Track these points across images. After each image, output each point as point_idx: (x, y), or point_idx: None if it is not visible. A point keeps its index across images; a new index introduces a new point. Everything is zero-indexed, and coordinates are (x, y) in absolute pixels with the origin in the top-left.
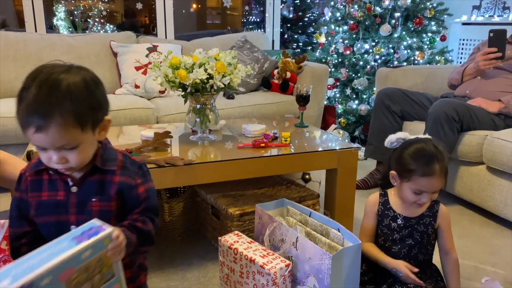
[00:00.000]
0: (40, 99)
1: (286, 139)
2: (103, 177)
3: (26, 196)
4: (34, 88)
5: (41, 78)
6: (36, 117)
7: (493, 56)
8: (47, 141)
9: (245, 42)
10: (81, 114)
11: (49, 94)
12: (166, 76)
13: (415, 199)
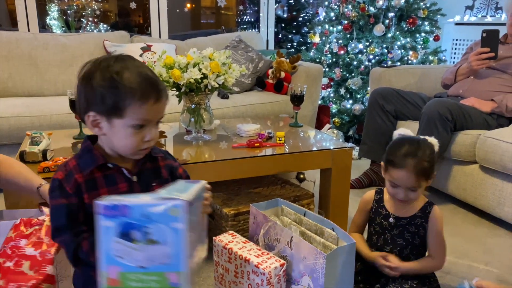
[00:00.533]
0: (154, 76)
1: (280, 138)
2: (153, 163)
3: (77, 199)
4: (138, 69)
5: (133, 62)
6: (156, 90)
7: (486, 56)
8: (159, 112)
9: (240, 42)
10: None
11: (154, 74)
12: (160, 75)
13: (392, 193)
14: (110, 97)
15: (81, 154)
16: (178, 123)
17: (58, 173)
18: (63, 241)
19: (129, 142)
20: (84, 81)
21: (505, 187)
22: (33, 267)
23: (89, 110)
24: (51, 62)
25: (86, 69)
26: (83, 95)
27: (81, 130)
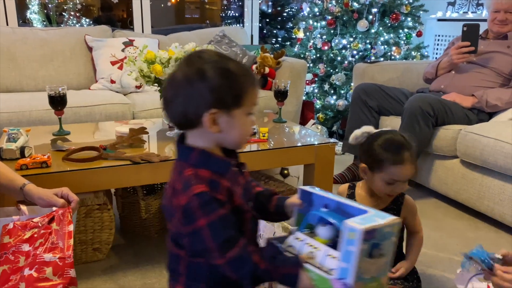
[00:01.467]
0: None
1: (264, 134)
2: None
3: (232, 204)
4: (231, 58)
5: (221, 54)
6: (252, 73)
7: (466, 50)
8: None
9: (223, 37)
10: None
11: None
12: (141, 71)
13: (388, 190)
14: (231, 90)
15: (203, 160)
16: (161, 119)
17: (197, 187)
18: (238, 257)
19: (245, 130)
20: (195, 82)
21: (485, 181)
22: (56, 273)
23: (210, 108)
24: (30, 57)
25: (185, 71)
26: (198, 95)
27: (61, 127)
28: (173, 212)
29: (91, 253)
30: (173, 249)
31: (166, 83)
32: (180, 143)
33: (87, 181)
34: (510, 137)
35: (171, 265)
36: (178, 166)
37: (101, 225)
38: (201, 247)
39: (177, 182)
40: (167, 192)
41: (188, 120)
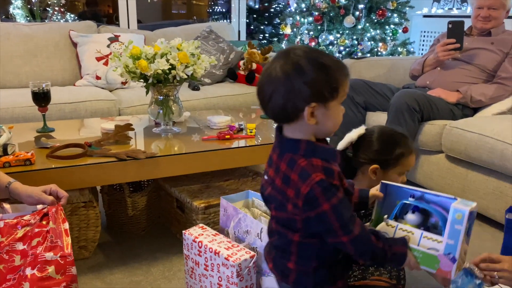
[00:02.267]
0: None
1: (251, 130)
2: None
3: (342, 187)
4: (329, 56)
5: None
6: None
7: (452, 46)
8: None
9: (210, 33)
10: None
11: None
12: (127, 66)
13: (399, 181)
14: (328, 83)
15: (312, 150)
16: (147, 116)
17: (316, 175)
18: (360, 235)
19: (338, 119)
20: (294, 77)
21: (470, 176)
22: (58, 271)
23: (309, 102)
24: (13, 52)
25: (283, 67)
26: (297, 90)
27: (45, 123)
28: (285, 200)
29: (77, 251)
30: (283, 232)
31: (263, 79)
32: (282, 136)
33: (72, 179)
34: (493, 132)
35: (281, 245)
36: (287, 158)
37: (87, 223)
38: (325, 228)
39: (291, 173)
40: (274, 183)
41: (288, 114)
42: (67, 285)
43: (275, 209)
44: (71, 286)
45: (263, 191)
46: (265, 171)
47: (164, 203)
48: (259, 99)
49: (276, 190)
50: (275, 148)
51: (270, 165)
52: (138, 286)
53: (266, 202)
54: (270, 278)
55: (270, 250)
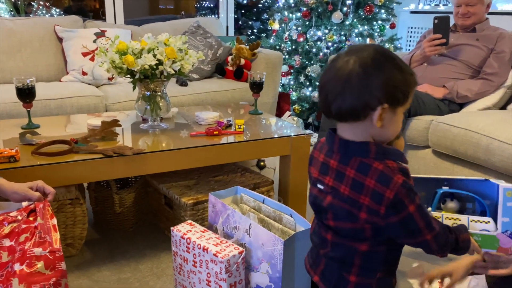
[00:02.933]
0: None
1: (239, 126)
2: None
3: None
4: (402, 60)
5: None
6: None
7: (438, 42)
8: None
9: (198, 28)
10: None
11: None
12: (113, 62)
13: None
14: (403, 87)
15: (382, 152)
16: (134, 112)
17: (398, 177)
18: (441, 230)
19: (398, 127)
20: (373, 76)
21: (456, 170)
22: (48, 266)
23: (383, 103)
24: None
25: (361, 65)
26: (373, 89)
27: (30, 120)
28: (356, 209)
29: (64, 249)
30: (344, 243)
31: (331, 74)
32: (342, 139)
33: (58, 176)
34: (479, 127)
35: (340, 257)
36: (355, 162)
37: (74, 220)
38: (409, 230)
39: (365, 178)
40: (337, 192)
41: (357, 113)
42: (57, 280)
43: (336, 219)
44: (61, 281)
45: (318, 201)
46: (315, 179)
47: (152, 199)
48: (322, 95)
49: (341, 199)
50: (331, 152)
51: (325, 172)
52: (126, 283)
53: (320, 212)
54: (259, 274)
55: (317, 261)
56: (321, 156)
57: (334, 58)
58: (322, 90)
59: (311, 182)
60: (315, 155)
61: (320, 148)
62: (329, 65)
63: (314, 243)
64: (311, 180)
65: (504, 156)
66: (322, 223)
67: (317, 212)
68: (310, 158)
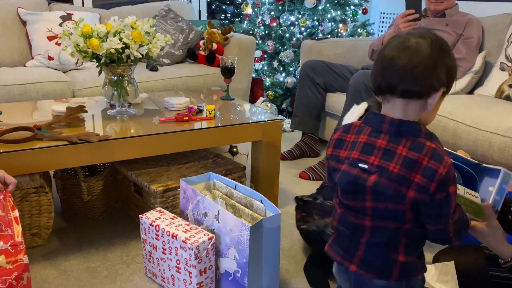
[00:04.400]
0: None
1: (210, 112)
2: None
3: None
4: None
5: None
6: None
7: (412, 17)
8: None
9: (169, 11)
10: None
11: None
12: (77, 45)
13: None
14: (455, 75)
15: (430, 133)
16: (103, 98)
17: (447, 158)
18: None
19: (435, 115)
20: (443, 57)
21: None
22: (9, 261)
23: (443, 86)
24: None
25: (433, 47)
26: (444, 71)
27: None
28: (405, 187)
29: (29, 238)
30: (385, 226)
31: (401, 53)
32: (392, 118)
33: (20, 163)
34: (446, 111)
35: (385, 240)
36: (407, 141)
37: (39, 209)
38: (440, 213)
39: (419, 156)
40: (384, 171)
41: (421, 92)
42: (19, 274)
43: (377, 200)
44: (23, 276)
45: (360, 181)
46: (356, 160)
47: (121, 187)
48: (388, 71)
49: (389, 178)
50: (379, 133)
51: (369, 152)
52: (94, 272)
53: (356, 193)
54: (227, 259)
55: (351, 249)
56: (361, 137)
57: (400, 40)
58: (389, 67)
59: (335, 163)
60: (347, 138)
61: (356, 130)
62: (396, 44)
63: (343, 233)
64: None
65: (470, 140)
66: (352, 211)
67: (352, 192)
68: (334, 142)
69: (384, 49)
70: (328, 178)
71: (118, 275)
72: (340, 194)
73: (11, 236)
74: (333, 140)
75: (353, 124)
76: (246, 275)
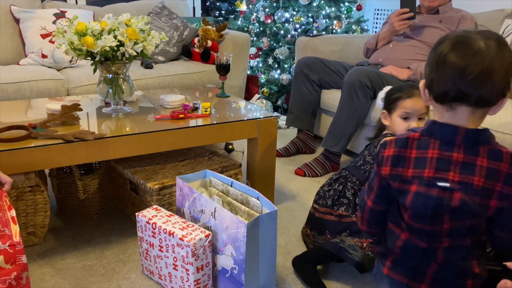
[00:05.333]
0: None
1: (206, 109)
2: None
3: None
4: None
5: None
6: None
7: (407, 16)
8: None
9: (163, 9)
10: None
11: None
12: (72, 43)
13: (405, 126)
14: None
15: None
16: (98, 96)
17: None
18: None
19: None
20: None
21: None
22: (8, 260)
23: (508, 91)
24: None
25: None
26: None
27: None
28: (488, 198)
29: (25, 237)
30: (467, 241)
31: (475, 58)
32: (469, 130)
33: (15, 162)
34: None
35: (465, 256)
36: (484, 150)
37: (35, 208)
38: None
39: (500, 164)
40: (469, 186)
41: (493, 99)
42: (18, 274)
43: (456, 219)
44: (22, 275)
45: (444, 202)
46: (432, 178)
47: (117, 185)
48: (455, 76)
49: (474, 192)
50: (451, 146)
51: (446, 168)
52: (91, 270)
53: (435, 216)
54: (224, 256)
55: (422, 272)
56: (431, 152)
57: (466, 43)
58: (462, 75)
59: (399, 183)
60: (407, 154)
61: (418, 144)
62: (463, 49)
63: (409, 255)
64: (397, 181)
65: None
66: (426, 235)
67: (430, 216)
68: (392, 159)
69: (448, 54)
70: (374, 201)
71: (115, 273)
72: (411, 218)
73: (9, 236)
74: (388, 157)
75: (409, 137)
76: (243, 271)
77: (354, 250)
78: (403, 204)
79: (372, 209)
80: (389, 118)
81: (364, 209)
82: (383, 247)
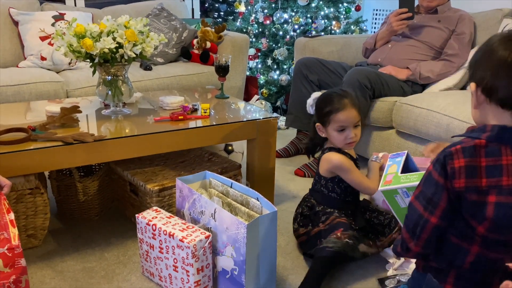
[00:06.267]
0: None
1: (205, 110)
2: None
3: None
4: None
5: None
6: None
7: (405, 16)
8: None
9: (162, 10)
10: None
11: None
12: (71, 45)
13: (342, 138)
14: None
15: None
16: (97, 98)
17: None
18: None
19: None
20: None
21: (419, 150)
22: (7, 264)
23: None
24: None
25: None
26: None
27: None
28: None
29: (25, 239)
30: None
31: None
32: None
33: (15, 165)
34: (440, 107)
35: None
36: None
37: (35, 210)
38: None
39: None
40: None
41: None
42: (17, 278)
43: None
44: (21, 279)
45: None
46: (490, 187)
47: (117, 187)
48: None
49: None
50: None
51: (503, 173)
52: (91, 272)
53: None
54: (224, 257)
55: (487, 281)
56: (504, 159)
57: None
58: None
59: (476, 195)
60: (478, 163)
61: (487, 152)
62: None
63: (482, 271)
64: (475, 193)
65: None
66: (503, 245)
67: (503, 228)
68: (465, 170)
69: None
70: (441, 217)
71: (115, 275)
72: (489, 230)
73: (7, 240)
74: (460, 168)
75: (476, 145)
76: (243, 272)
77: (333, 243)
78: (478, 216)
79: (437, 226)
80: (325, 131)
81: (424, 228)
82: (442, 262)
